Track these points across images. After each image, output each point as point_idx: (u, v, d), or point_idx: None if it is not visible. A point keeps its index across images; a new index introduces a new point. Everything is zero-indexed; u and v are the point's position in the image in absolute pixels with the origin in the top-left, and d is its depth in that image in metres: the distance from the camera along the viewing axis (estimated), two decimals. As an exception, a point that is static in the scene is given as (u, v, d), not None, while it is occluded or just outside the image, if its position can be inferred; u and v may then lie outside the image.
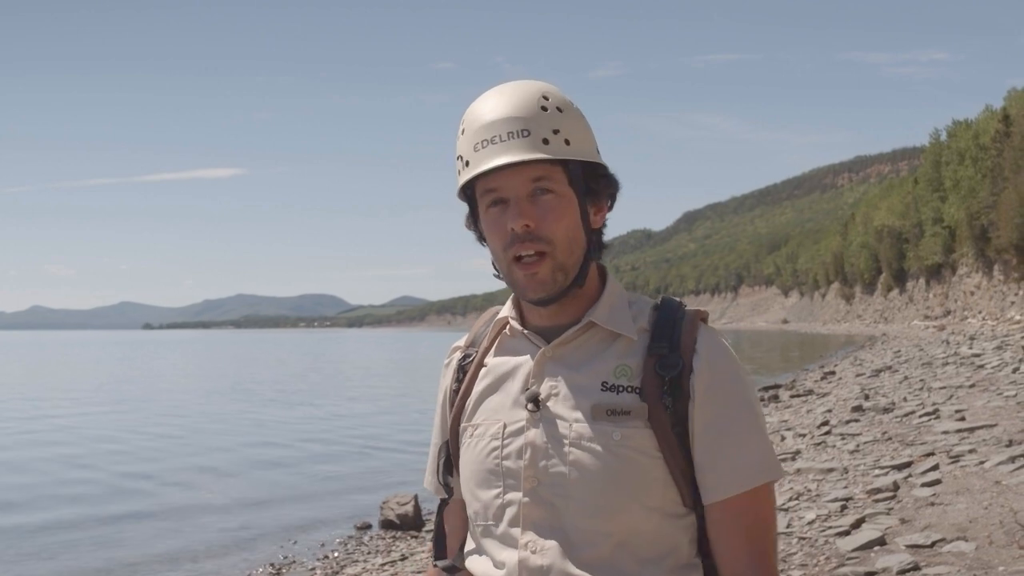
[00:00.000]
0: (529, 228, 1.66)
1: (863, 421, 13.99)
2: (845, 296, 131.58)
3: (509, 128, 1.66)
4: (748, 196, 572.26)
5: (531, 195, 1.67)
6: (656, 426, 1.66)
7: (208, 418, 25.27)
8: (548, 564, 1.66)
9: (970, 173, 73.70)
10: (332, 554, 9.97)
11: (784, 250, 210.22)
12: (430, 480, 1.96)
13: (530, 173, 1.66)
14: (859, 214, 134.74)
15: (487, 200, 1.71)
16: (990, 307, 69.11)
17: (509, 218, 1.67)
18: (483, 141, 1.68)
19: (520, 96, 1.69)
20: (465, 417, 1.83)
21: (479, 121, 1.69)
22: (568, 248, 1.69)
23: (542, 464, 1.69)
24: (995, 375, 18.21)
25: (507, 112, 1.67)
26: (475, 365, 1.86)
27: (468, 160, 1.70)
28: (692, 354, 1.70)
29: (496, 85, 1.76)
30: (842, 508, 7.90)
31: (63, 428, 23.02)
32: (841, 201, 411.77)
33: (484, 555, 1.77)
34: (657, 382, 1.68)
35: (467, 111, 1.74)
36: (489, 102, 1.71)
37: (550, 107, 1.69)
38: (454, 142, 1.76)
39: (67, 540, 11.01)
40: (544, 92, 1.71)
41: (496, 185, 1.68)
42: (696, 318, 1.75)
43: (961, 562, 5.82)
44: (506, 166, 1.66)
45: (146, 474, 15.61)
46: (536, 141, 1.66)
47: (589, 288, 1.77)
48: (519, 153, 1.65)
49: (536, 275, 1.69)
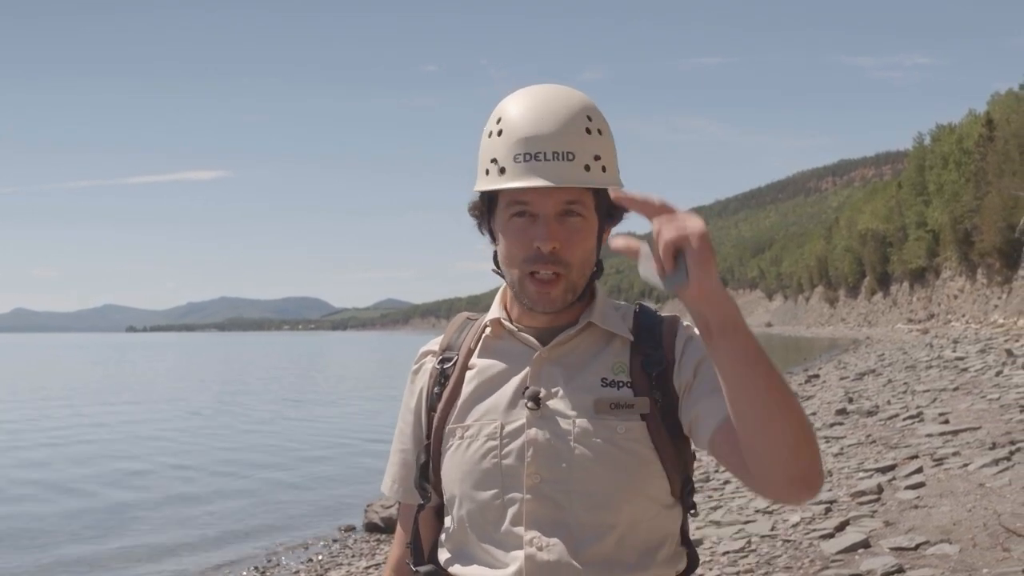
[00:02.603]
0: (556, 251, 1.70)
1: (847, 424, 14.02)
2: (829, 299, 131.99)
3: (555, 148, 1.67)
4: (732, 199, 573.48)
5: (560, 215, 1.70)
6: (650, 420, 1.71)
7: (191, 420, 25.16)
8: (555, 560, 1.68)
9: (953, 177, 74.03)
10: (316, 557, 9.95)
11: (768, 253, 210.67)
12: (396, 486, 1.96)
13: (564, 196, 1.69)
14: (843, 218, 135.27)
15: (513, 209, 1.72)
16: (973, 310, 69.42)
17: (537, 236, 1.70)
18: (526, 154, 1.68)
19: (568, 113, 1.69)
20: (452, 420, 1.82)
21: (521, 130, 1.69)
22: (582, 270, 1.75)
23: (545, 461, 1.71)
24: (978, 378, 18.28)
25: (554, 129, 1.68)
26: (459, 368, 1.86)
27: (505, 167, 1.70)
28: (672, 349, 1.77)
29: (534, 85, 1.76)
30: (826, 511, 7.91)
31: (49, 429, 22.88)
32: (825, 205, 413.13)
33: (474, 560, 1.77)
34: (645, 378, 1.74)
35: (504, 110, 1.73)
36: (534, 111, 1.70)
37: (593, 129, 1.70)
38: (483, 136, 1.76)
39: (49, 538, 11.01)
40: (589, 111, 1.71)
41: (528, 199, 1.70)
42: (674, 319, 1.83)
43: (945, 564, 5.83)
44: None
45: (127, 475, 15.54)
46: (579, 167, 1.68)
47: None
48: (563, 178, 1.67)
49: (549, 294, 1.74)
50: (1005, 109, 67.84)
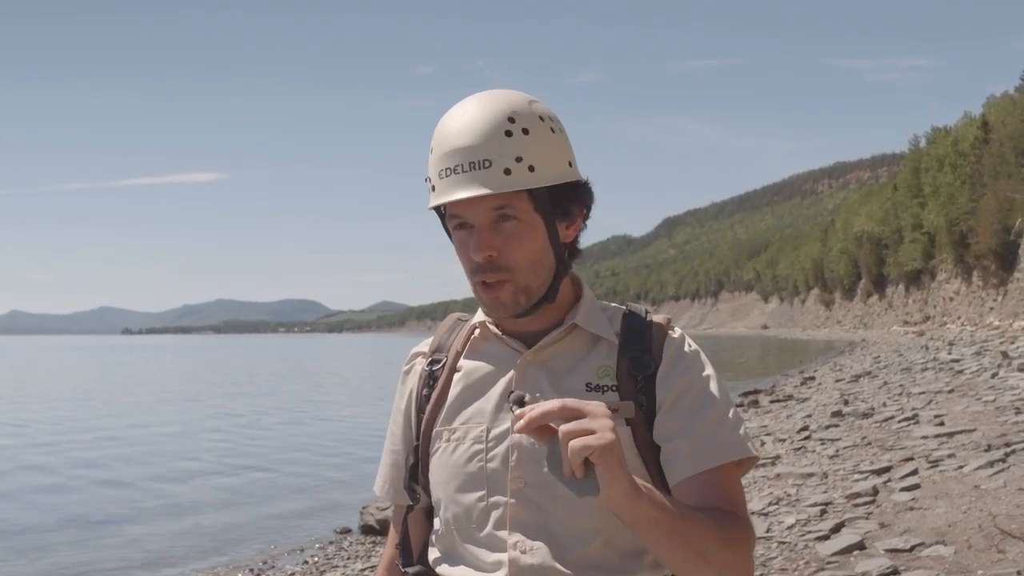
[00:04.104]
0: (492, 259, 1.69)
1: (843, 426, 14.04)
2: (825, 302, 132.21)
3: (471, 158, 1.65)
4: (728, 202, 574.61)
5: (494, 222, 1.69)
6: (635, 424, 1.71)
7: (187, 422, 25.12)
8: (539, 563, 1.67)
9: (949, 179, 74.24)
10: (312, 559, 9.94)
11: (764, 256, 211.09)
12: (387, 487, 1.96)
13: (492, 203, 1.67)
14: (839, 220, 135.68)
15: (453, 223, 1.73)
16: (969, 312, 69.56)
17: (472, 248, 1.70)
18: (446, 169, 1.67)
19: (485, 121, 1.67)
20: (440, 422, 1.83)
21: (444, 145, 1.69)
22: (531, 271, 1.71)
23: (529, 465, 1.70)
24: (974, 380, 18.32)
25: (470, 140, 1.66)
26: (448, 370, 1.87)
27: (435, 184, 1.71)
28: (660, 354, 1.76)
29: (474, 94, 1.74)
30: (822, 513, 7.93)
31: (39, 433, 22.84)
32: (821, 207, 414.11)
33: (460, 561, 1.77)
34: (632, 382, 1.73)
35: (437, 126, 1.73)
36: (455, 123, 1.69)
37: (515, 131, 1.66)
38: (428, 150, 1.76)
39: (44, 541, 10.97)
40: (512, 112, 1.68)
41: (460, 212, 1.69)
42: (663, 323, 1.81)
43: (940, 566, 5.85)
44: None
45: (124, 478, 15.52)
46: (497, 173, 1.65)
47: (564, 296, 1.80)
48: (478, 187, 1.65)
49: (498, 298, 1.72)
50: (1001, 111, 68.13)
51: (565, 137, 1.75)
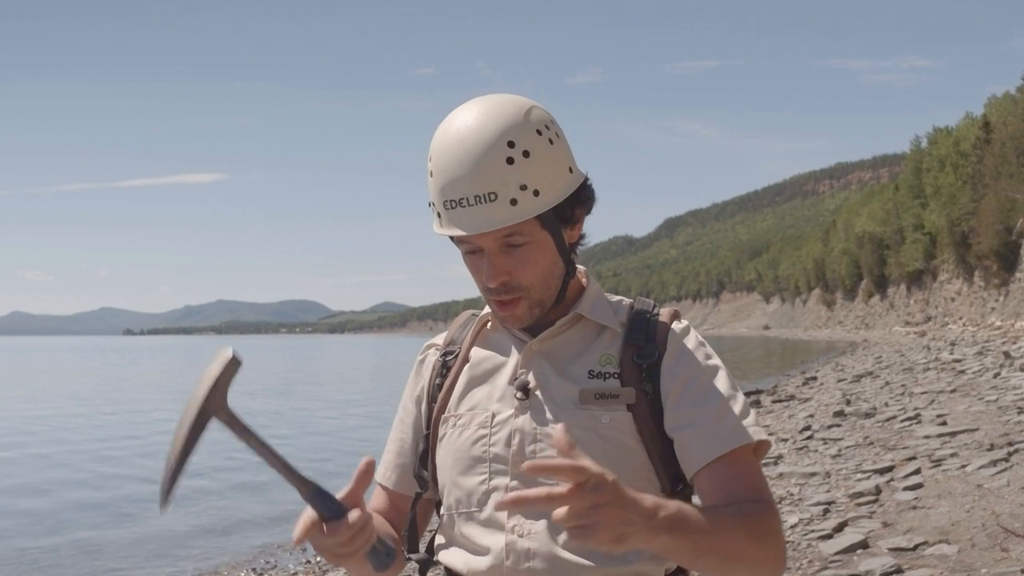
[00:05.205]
0: (506, 283, 1.72)
1: (845, 426, 14.04)
2: (826, 302, 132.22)
3: (475, 191, 1.65)
4: (729, 203, 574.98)
5: (504, 248, 1.71)
6: (637, 411, 1.73)
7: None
8: (535, 548, 1.69)
9: (950, 180, 74.24)
10: (315, 557, 9.91)
11: (765, 256, 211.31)
12: (389, 474, 1.95)
13: (500, 232, 1.68)
14: (840, 221, 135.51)
15: (464, 248, 1.76)
16: (971, 313, 69.57)
17: (484, 275, 1.72)
18: (451, 201, 1.68)
19: (484, 147, 1.65)
20: (449, 409, 1.86)
21: (445, 173, 1.68)
22: (544, 286, 1.76)
23: (530, 449, 1.73)
24: (976, 380, 18.32)
25: (471, 170, 1.65)
26: (460, 360, 1.90)
27: (439, 212, 1.71)
28: (665, 344, 1.77)
29: (469, 103, 1.72)
30: (825, 512, 7.93)
31: (38, 432, 22.82)
32: (822, 208, 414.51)
33: (460, 546, 1.80)
34: (635, 371, 1.75)
35: (433, 147, 1.71)
36: (454, 148, 1.67)
37: (516, 156, 1.65)
38: (426, 170, 1.73)
39: (45, 537, 10.98)
40: (510, 136, 1.65)
41: (470, 239, 1.70)
42: (670, 313, 1.84)
43: (944, 565, 5.85)
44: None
45: (124, 474, 15.53)
46: (503, 205, 1.65)
47: (570, 288, 1.83)
48: (486, 221, 1.66)
49: (514, 313, 1.76)
50: (1002, 112, 68.08)
51: (563, 141, 1.75)
